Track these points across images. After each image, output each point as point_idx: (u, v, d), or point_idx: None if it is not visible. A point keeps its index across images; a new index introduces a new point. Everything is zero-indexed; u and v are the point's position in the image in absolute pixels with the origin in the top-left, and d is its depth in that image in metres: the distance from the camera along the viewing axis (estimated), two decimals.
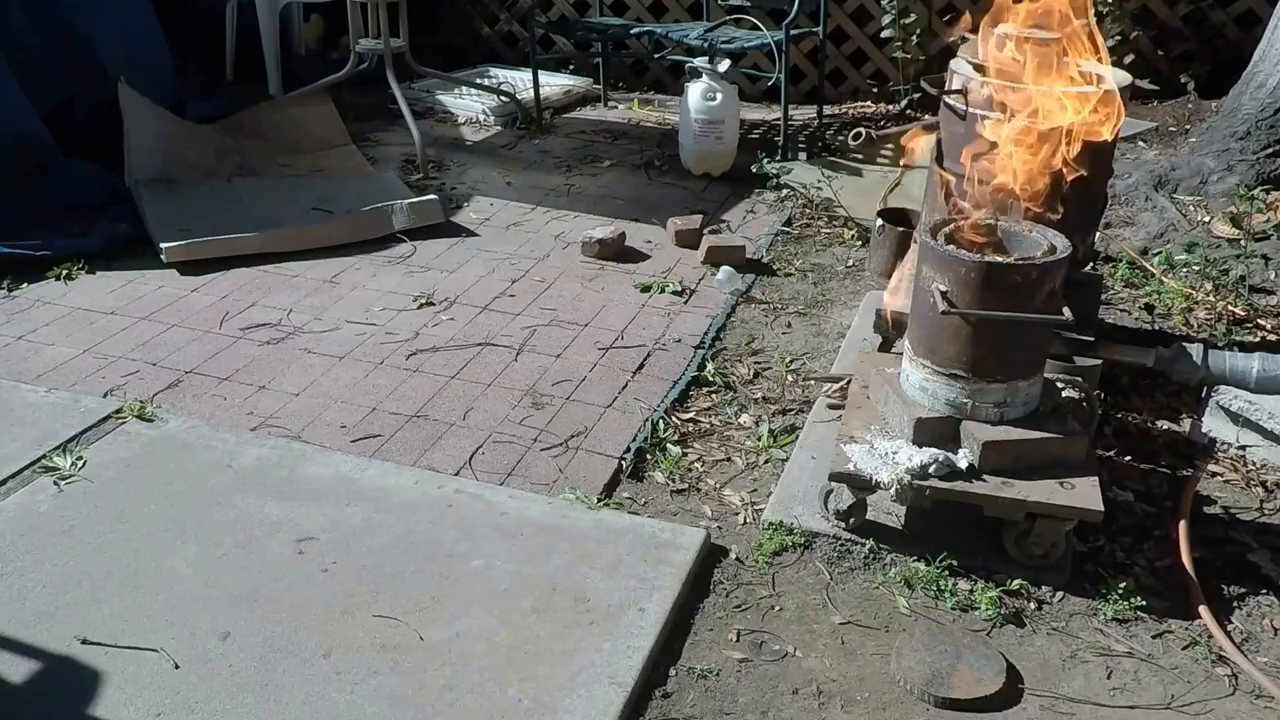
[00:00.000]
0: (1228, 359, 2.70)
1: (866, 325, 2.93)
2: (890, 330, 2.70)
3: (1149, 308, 3.38)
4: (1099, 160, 2.53)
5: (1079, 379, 2.40)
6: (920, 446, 2.23)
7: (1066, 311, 2.17)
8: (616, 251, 3.80)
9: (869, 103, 5.67)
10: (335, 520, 2.33)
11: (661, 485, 2.54)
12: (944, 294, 2.14)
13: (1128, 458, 2.62)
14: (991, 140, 2.29)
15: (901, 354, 2.39)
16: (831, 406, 2.76)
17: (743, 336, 3.24)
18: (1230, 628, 2.10)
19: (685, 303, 3.46)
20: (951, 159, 2.57)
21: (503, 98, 5.50)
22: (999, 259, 2.15)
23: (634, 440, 2.68)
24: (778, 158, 4.68)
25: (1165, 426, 2.77)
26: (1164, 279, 3.51)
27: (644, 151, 5.02)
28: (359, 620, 2.05)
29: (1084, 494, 2.14)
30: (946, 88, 2.59)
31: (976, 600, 2.14)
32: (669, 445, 2.66)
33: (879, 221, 3.57)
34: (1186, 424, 2.76)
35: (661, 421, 2.75)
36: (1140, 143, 4.76)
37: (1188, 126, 4.88)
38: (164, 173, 4.15)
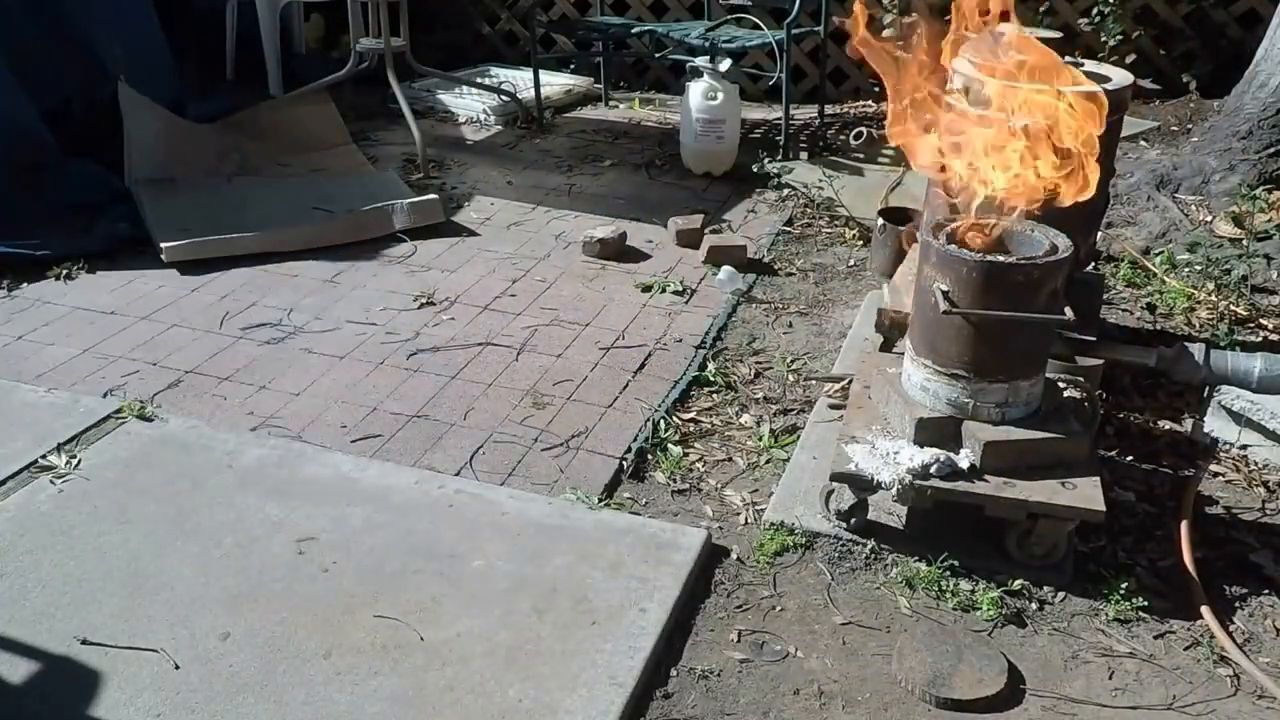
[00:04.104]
0: (1230, 359, 2.69)
1: (868, 325, 2.93)
2: (892, 330, 2.70)
3: (1151, 307, 3.38)
4: (1101, 159, 2.52)
5: (1081, 379, 2.39)
6: (922, 446, 2.23)
7: (1068, 311, 2.17)
8: (617, 251, 3.80)
9: (870, 102, 5.67)
10: (335, 520, 2.33)
11: (662, 485, 2.53)
12: (946, 293, 2.13)
13: (1129, 458, 2.62)
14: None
15: (903, 354, 2.39)
16: (833, 406, 2.75)
17: (744, 336, 3.23)
18: (1232, 628, 2.10)
19: (686, 302, 3.46)
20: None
21: (503, 97, 5.50)
22: (1000, 258, 2.14)
23: (635, 440, 2.68)
24: (779, 157, 4.68)
25: (1167, 426, 2.77)
26: (1166, 279, 3.51)
27: (645, 151, 5.01)
28: (359, 620, 2.05)
29: (1086, 494, 2.13)
30: (948, 87, 2.58)
31: (978, 600, 2.14)
32: (670, 445, 2.66)
33: (880, 221, 3.57)
34: (1188, 424, 2.76)
35: (662, 421, 2.75)
36: (1142, 142, 4.75)
37: (1189, 126, 4.87)
38: (164, 172, 4.14)
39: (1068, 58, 2.55)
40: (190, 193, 4.05)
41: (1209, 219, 3.91)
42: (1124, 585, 2.15)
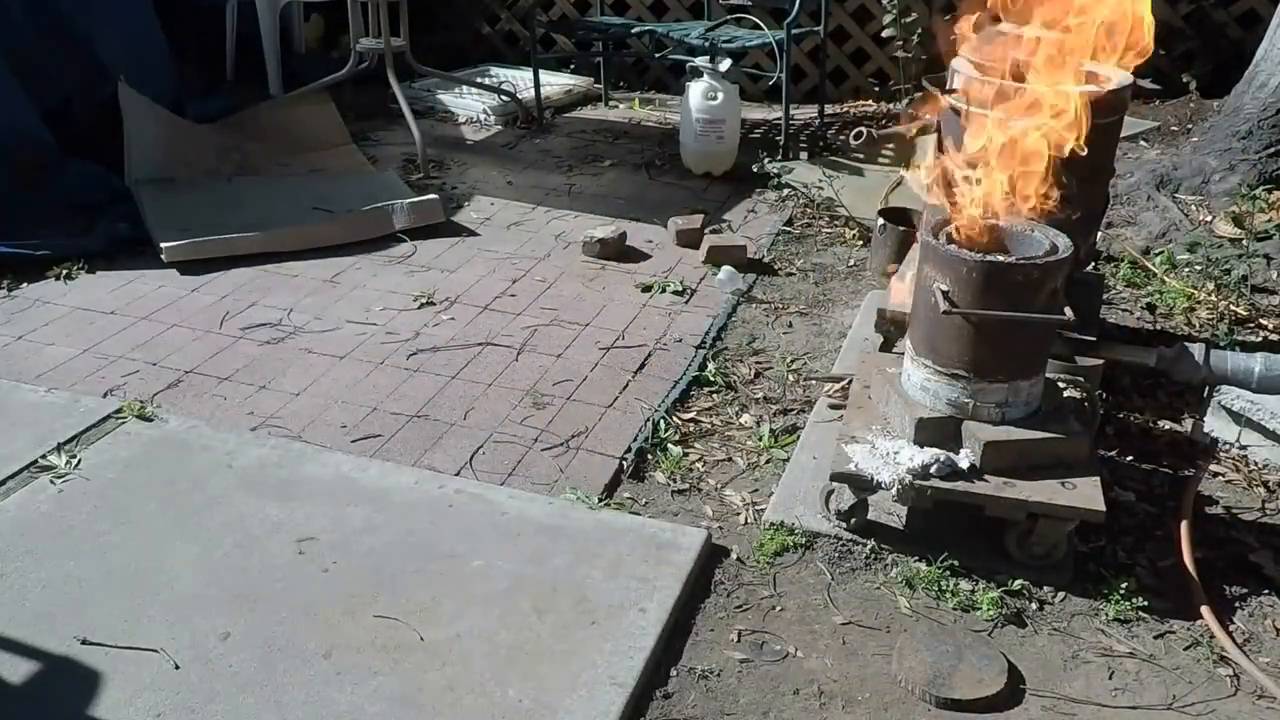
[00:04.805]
0: (1230, 359, 2.69)
1: (868, 325, 2.92)
2: (892, 330, 2.70)
3: (1151, 307, 3.38)
4: (1101, 159, 2.52)
5: (1081, 379, 2.39)
6: (922, 446, 2.23)
7: (1068, 311, 2.17)
8: (617, 251, 3.80)
9: (870, 102, 5.67)
10: (335, 520, 2.33)
11: (662, 485, 2.54)
12: (946, 293, 2.13)
13: (1129, 458, 2.62)
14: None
15: (903, 354, 2.39)
16: (833, 406, 2.75)
17: (744, 336, 3.23)
18: (1232, 628, 2.10)
19: (686, 302, 3.46)
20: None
21: (503, 97, 5.50)
22: (1000, 258, 2.14)
23: (635, 440, 2.68)
24: (779, 157, 4.68)
25: (1167, 426, 2.77)
26: (1166, 279, 3.51)
27: (645, 151, 5.01)
28: (359, 620, 2.05)
29: (1085, 494, 2.13)
30: (947, 86, 2.58)
31: (978, 600, 2.14)
32: (670, 445, 2.66)
33: (880, 221, 3.57)
34: (1188, 424, 2.76)
35: (662, 421, 2.75)
36: (1142, 142, 4.75)
37: (1189, 126, 4.87)
38: (164, 172, 4.14)
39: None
40: (190, 193, 4.05)
41: (1209, 219, 3.91)
42: (1124, 585, 2.15)
